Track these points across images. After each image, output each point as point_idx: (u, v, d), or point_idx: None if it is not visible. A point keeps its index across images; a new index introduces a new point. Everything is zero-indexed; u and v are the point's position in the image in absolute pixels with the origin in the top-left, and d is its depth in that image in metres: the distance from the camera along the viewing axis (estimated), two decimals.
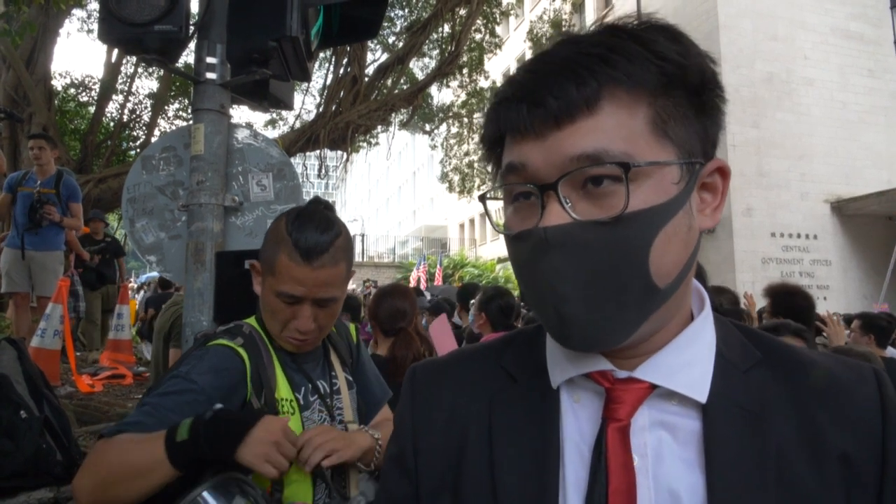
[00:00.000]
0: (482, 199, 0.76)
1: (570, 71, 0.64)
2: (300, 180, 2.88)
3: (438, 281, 21.54)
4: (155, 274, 14.66)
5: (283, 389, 1.61)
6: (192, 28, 2.49)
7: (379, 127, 15.81)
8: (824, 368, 0.72)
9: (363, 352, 1.95)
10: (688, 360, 0.70)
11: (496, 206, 0.78)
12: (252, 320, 1.72)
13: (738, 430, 0.67)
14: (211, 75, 2.55)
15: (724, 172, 0.72)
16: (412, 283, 18.75)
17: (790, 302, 3.78)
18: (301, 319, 1.58)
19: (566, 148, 0.64)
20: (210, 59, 2.54)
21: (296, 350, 1.66)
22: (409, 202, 53.20)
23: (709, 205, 0.72)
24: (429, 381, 0.85)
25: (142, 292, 14.30)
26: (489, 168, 0.77)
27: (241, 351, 1.57)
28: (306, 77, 2.57)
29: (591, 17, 24.59)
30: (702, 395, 0.68)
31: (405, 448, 0.81)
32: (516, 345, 0.83)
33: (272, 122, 17.48)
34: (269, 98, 2.78)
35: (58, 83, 13.78)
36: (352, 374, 1.84)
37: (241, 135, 2.74)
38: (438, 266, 23.25)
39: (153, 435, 1.34)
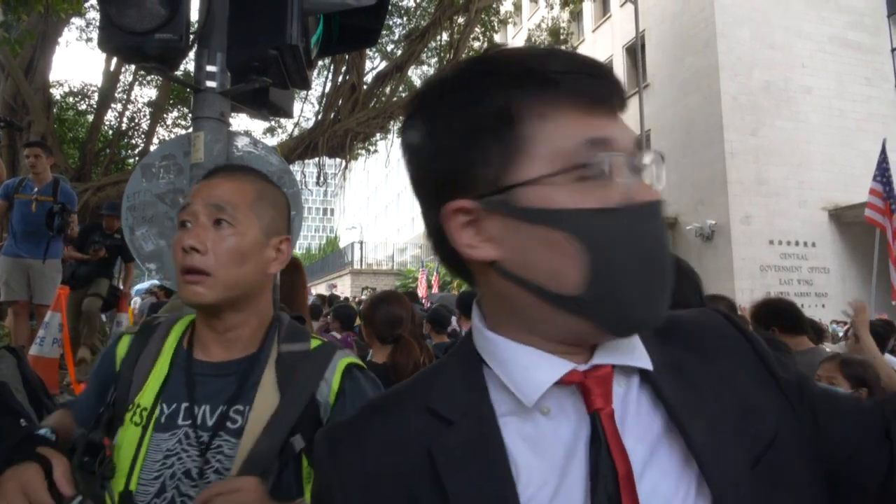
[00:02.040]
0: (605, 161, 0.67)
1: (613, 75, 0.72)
2: (300, 188, 2.89)
3: (435, 288, 21.53)
4: (145, 285, 14.63)
5: (147, 394, 1.27)
6: (192, 36, 2.49)
7: (378, 134, 15.85)
8: (692, 321, 0.84)
9: (351, 394, 1.33)
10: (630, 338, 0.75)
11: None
12: (190, 315, 1.43)
13: (677, 384, 0.74)
14: (211, 83, 2.55)
15: None
16: (422, 293, 18.69)
17: (773, 308, 3.81)
18: (183, 234, 1.28)
19: (630, 131, 0.71)
20: (210, 68, 2.55)
21: (190, 300, 1.27)
22: (408, 209, 53.23)
23: None
24: (351, 446, 0.76)
25: (138, 300, 14.28)
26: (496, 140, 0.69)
27: (126, 340, 1.38)
28: (306, 85, 2.57)
29: (588, 25, 24.70)
30: (649, 364, 0.74)
31: None
32: (440, 381, 0.78)
33: (271, 130, 17.53)
34: (269, 106, 2.79)
35: (56, 92, 13.83)
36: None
37: (241, 143, 2.74)
38: (435, 273, 23.22)
39: None
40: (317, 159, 14.56)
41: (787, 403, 0.77)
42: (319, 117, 13.98)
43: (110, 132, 14.41)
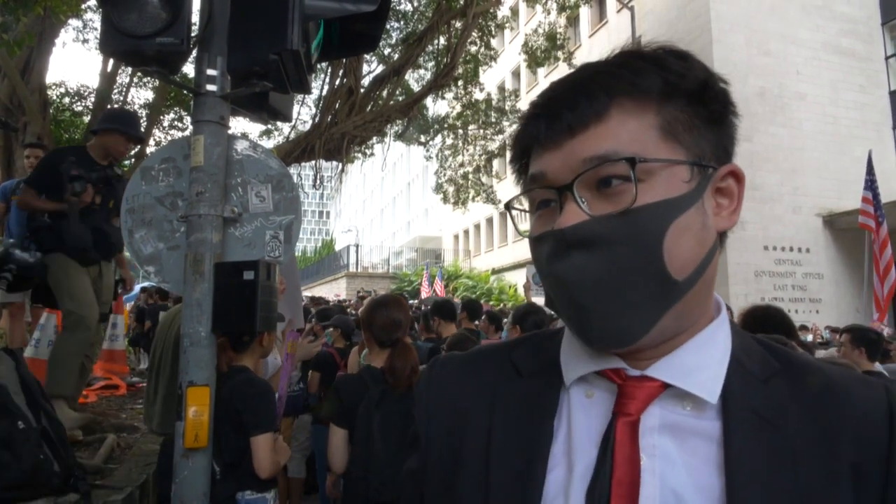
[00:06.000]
0: (507, 207, 0.84)
1: (583, 87, 0.71)
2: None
3: (441, 293, 21.37)
4: (135, 292, 14.51)
5: None
6: (192, 40, 2.50)
7: (374, 138, 15.87)
8: (840, 382, 0.72)
9: None
10: (700, 362, 0.72)
11: (517, 214, 0.85)
12: None
13: (755, 435, 0.67)
14: (211, 87, 2.56)
15: (737, 176, 0.76)
16: (424, 294, 18.63)
17: (761, 315, 3.81)
18: None
19: (579, 152, 0.69)
20: (210, 72, 2.56)
21: None
22: (404, 213, 53.22)
23: (725, 208, 0.75)
24: (445, 371, 0.89)
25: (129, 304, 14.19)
26: (516, 180, 0.82)
27: None
28: (306, 90, 2.58)
29: (585, 30, 24.77)
30: (712, 397, 0.70)
31: (420, 430, 0.86)
32: (530, 342, 0.87)
33: (267, 133, 17.50)
34: (269, 110, 2.80)
35: (53, 93, 13.78)
36: None
37: (241, 146, 2.75)
38: (437, 279, 23.09)
39: None
40: (313, 162, 14.55)
41: None
42: (316, 120, 13.97)
43: None
